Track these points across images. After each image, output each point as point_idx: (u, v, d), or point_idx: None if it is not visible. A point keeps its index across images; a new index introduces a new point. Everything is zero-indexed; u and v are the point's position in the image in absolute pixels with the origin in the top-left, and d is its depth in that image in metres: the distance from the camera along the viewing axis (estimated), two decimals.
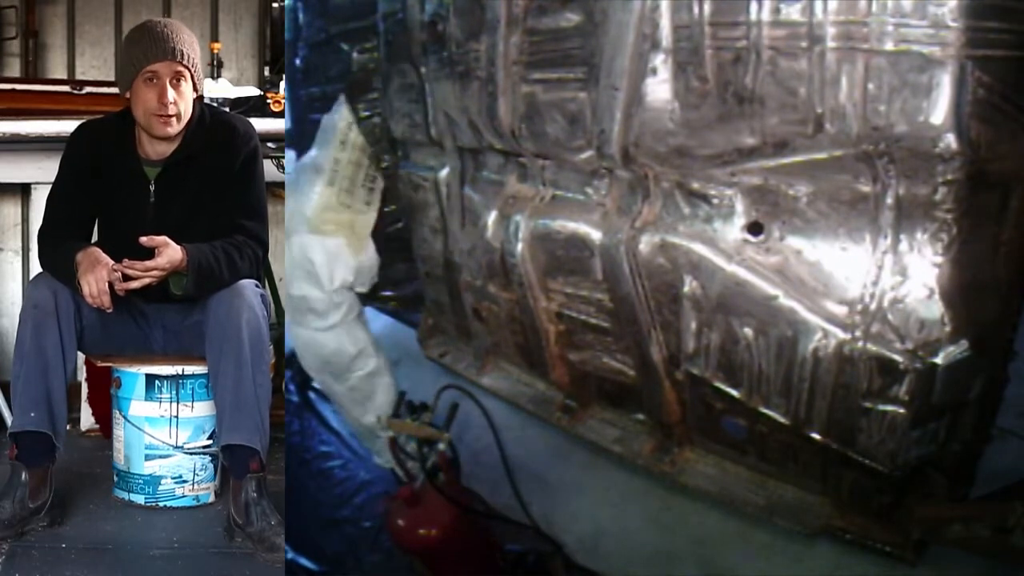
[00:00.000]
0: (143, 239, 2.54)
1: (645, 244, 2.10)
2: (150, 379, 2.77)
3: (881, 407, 1.86)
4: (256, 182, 2.76)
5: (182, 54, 2.63)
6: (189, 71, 2.65)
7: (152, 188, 2.71)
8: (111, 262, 2.54)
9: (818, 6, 1.69)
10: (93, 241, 2.75)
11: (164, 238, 2.55)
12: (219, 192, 2.71)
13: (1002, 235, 1.84)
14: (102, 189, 2.72)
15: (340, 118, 2.81)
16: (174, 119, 2.64)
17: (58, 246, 2.65)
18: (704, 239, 2.01)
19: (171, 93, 2.62)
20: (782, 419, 2.03)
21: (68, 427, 3.39)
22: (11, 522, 2.53)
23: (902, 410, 1.84)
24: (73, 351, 2.62)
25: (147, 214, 2.70)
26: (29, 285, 2.74)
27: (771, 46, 1.76)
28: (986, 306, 1.86)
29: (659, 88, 1.94)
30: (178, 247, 2.55)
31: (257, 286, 2.71)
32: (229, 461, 2.62)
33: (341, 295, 2.69)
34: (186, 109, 2.67)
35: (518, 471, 2.27)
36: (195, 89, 2.70)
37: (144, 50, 2.63)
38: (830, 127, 1.75)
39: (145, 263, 2.54)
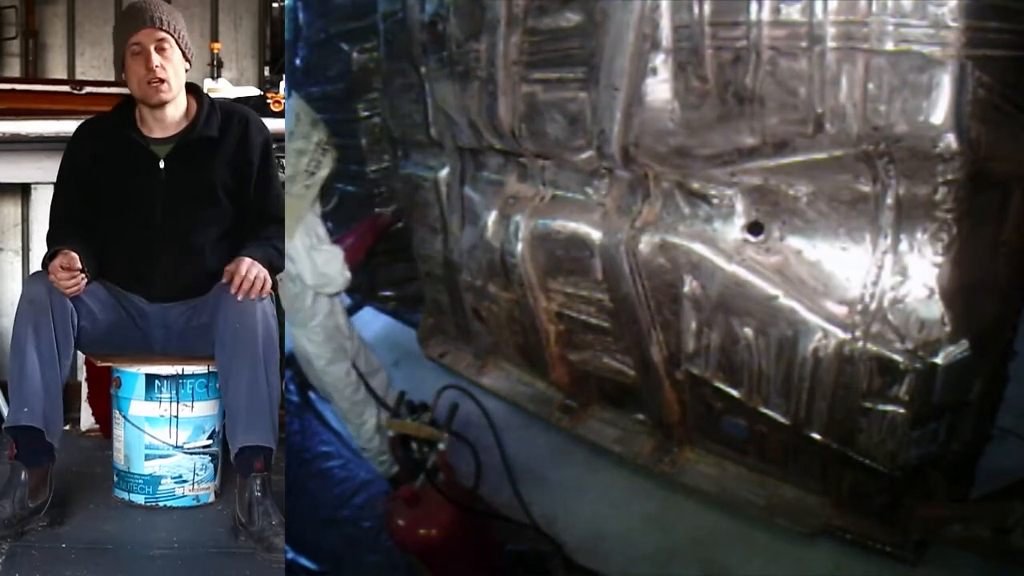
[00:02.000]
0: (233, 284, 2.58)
1: (645, 244, 2.10)
2: (150, 379, 2.77)
3: (881, 407, 1.86)
4: (275, 174, 2.85)
5: (161, 21, 2.68)
6: (172, 37, 2.69)
7: (162, 166, 2.73)
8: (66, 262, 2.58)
9: (818, 6, 1.69)
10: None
11: (236, 267, 2.60)
12: (242, 179, 2.77)
13: (1002, 235, 1.84)
14: (106, 175, 2.75)
15: (289, 110, 2.82)
16: (164, 84, 2.68)
17: (52, 245, 2.68)
18: (704, 239, 2.01)
19: (156, 58, 2.66)
20: (782, 419, 2.03)
21: (68, 427, 3.40)
22: (11, 522, 2.53)
23: (902, 410, 1.84)
24: (69, 348, 2.63)
25: (156, 191, 2.72)
26: (26, 282, 2.75)
27: (771, 46, 1.76)
28: (986, 306, 1.86)
29: (659, 88, 1.94)
30: (247, 261, 2.61)
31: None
32: (236, 460, 2.62)
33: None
34: (176, 75, 2.71)
35: (518, 471, 2.27)
36: (185, 59, 2.74)
37: (126, 25, 2.71)
38: (830, 127, 1.75)
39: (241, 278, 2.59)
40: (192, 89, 2.81)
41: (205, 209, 2.73)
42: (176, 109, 2.75)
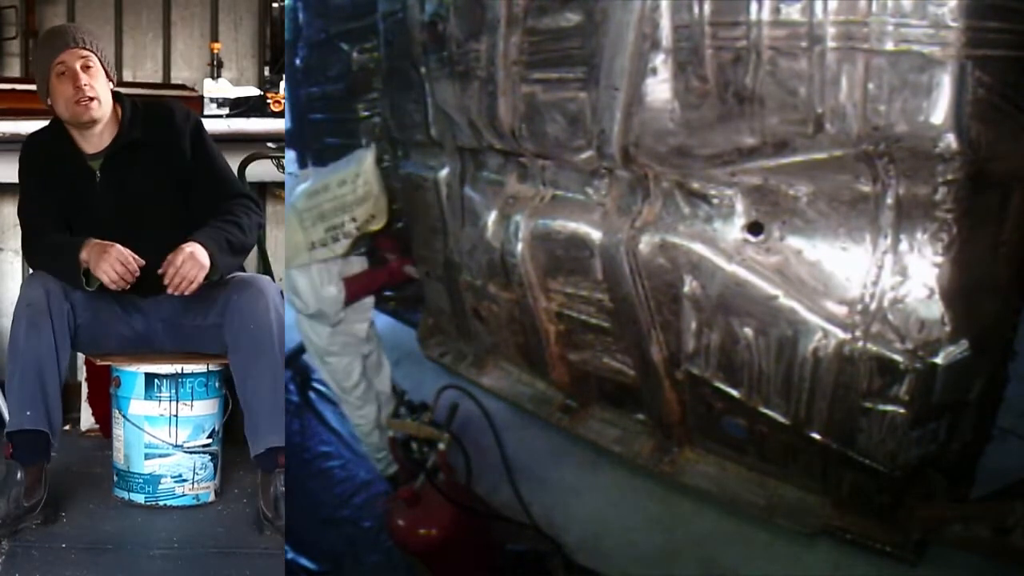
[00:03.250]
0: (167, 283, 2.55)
1: (645, 244, 2.10)
2: (149, 378, 2.77)
3: (881, 407, 1.86)
4: (213, 153, 2.83)
5: (83, 41, 2.72)
6: (95, 55, 2.73)
7: (97, 178, 2.74)
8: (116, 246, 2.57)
9: (818, 6, 1.69)
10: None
11: (173, 258, 2.55)
12: (180, 171, 2.76)
13: (1002, 235, 1.84)
14: (53, 191, 2.77)
15: (353, 161, 2.78)
16: (94, 102, 2.71)
17: (54, 243, 2.68)
18: (704, 239, 2.01)
19: (83, 77, 2.69)
20: (782, 419, 2.03)
21: (68, 427, 3.40)
22: (6, 520, 2.54)
23: (902, 410, 1.84)
24: (66, 349, 2.64)
25: (95, 203, 2.75)
26: (23, 284, 2.76)
27: (771, 46, 1.76)
28: (986, 306, 1.86)
29: (659, 88, 1.94)
30: (193, 246, 2.56)
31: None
32: (259, 457, 2.63)
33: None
34: (103, 93, 2.73)
35: (518, 471, 2.27)
36: (108, 78, 2.77)
37: (49, 48, 2.73)
38: (830, 127, 1.75)
39: (178, 278, 2.54)
40: (114, 95, 2.82)
41: (149, 209, 2.74)
42: (102, 122, 2.76)
